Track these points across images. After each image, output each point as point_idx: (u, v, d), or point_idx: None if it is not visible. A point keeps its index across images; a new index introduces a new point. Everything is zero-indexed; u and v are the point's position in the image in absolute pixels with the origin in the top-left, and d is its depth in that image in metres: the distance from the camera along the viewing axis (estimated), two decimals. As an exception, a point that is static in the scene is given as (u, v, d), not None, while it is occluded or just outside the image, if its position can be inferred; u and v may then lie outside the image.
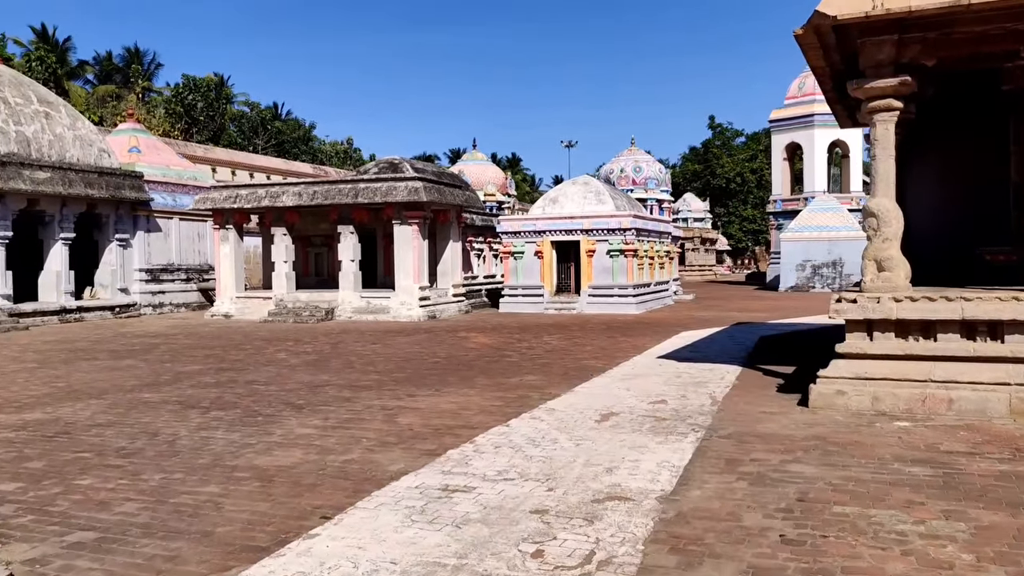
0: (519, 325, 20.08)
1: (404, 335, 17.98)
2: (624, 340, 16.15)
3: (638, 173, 34.54)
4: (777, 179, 39.94)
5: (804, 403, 8.83)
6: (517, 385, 10.70)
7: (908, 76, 8.53)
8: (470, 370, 12.25)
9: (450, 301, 23.88)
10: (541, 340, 16.46)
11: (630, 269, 23.87)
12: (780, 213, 39.15)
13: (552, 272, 24.92)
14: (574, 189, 25.54)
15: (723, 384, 10.35)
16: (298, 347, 15.88)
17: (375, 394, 10.14)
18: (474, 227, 27.13)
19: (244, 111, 59.47)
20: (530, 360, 13.32)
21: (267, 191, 23.01)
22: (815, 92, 37.90)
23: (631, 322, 20.60)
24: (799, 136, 38.35)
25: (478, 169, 34.63)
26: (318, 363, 13.36)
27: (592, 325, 19.82)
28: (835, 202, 35.55)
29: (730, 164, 65.47)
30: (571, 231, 24.30)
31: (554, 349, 14.85)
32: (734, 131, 70.07)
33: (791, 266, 34.45)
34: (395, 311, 22.10)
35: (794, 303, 27.27)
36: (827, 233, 33.85)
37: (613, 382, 10.71)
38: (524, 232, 24.95)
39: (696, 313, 23.50)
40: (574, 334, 17.58)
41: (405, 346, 15.74)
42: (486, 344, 15.91)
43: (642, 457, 6.63)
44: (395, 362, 13.30)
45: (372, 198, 21.86)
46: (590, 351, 14.42)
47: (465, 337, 17.30)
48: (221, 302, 23.94)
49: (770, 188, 67.18)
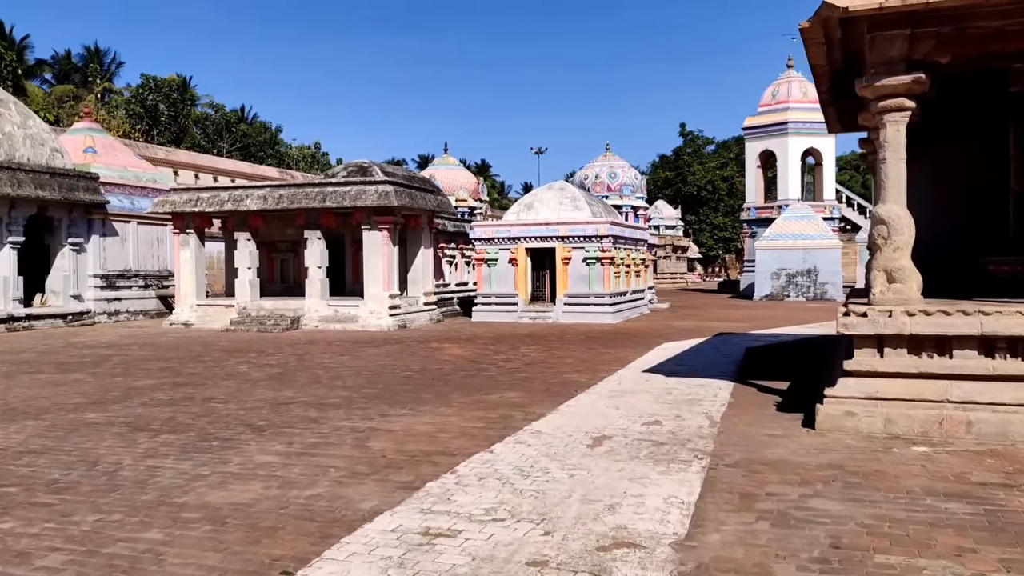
0: (494, 335, 19.34)
1: (374, 346, 17.14)
2: (605, 352, 15.48)
3: (613, 179, 34.01)
4: (751, 187, 39.71)
5: (810, 424, 8.19)
6: (497, 403, 9.95)
7: (922, 73, 7.95)
8: (446, 385, 11.48)
9: (421, 310, 23.06)
10: (518, 352, 15.73)
11: (607, 277, 23.25)
12: (754, 221, 38.90)
13: (527, 280, 24.23)
14: (550, 195, 24.89)
15: (717, 402, 9.70)
16: (261, 359, 14.97)
17: (344, 413, 9.33)
18: (446, 233, 26.35)
19: (208, 113, 58.05)
20: (508, 374, 12.58)
21: (230, 194, 22.02)
22: (788, 100, 37.86)
23: (609, 332, 19.96)
24: (773, 144, 38.15)
25: (450, 174, 33.82)
26: (282, 377, 12.49)
27: (569, 335, 19.13)
28: (809, 210, 35.36)
29: (701, 172, 65.41)
30: (546, 238, 23.64)
31: (533, 362, 14.13)
32: (705, 139, 70.11)
33: (766, 274, 34.14)
34: (364, 320, 21.23)
35: (771, 312, 26.88)
36: (802, 241, 33.60)
37: (600, 400, 10.00)
38: (498, 239, 24.23)
39: (674, 323, 22.95)
40: (552, 345, 16.88)
41: (375, 358, 14.91)
42: (461, 356, 15.14)
43: (646, 491, 5.92)
44: (365, 376, 12.48)
45: (340, 202, 20.99)
46: (571, 364, 13.72)
47: (438, 348, 16.52)
48: (181, 310, 22.86)
49: (741, 196, 67.40)
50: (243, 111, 63.77)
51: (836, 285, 33.27)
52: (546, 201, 24.69)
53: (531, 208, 24.71)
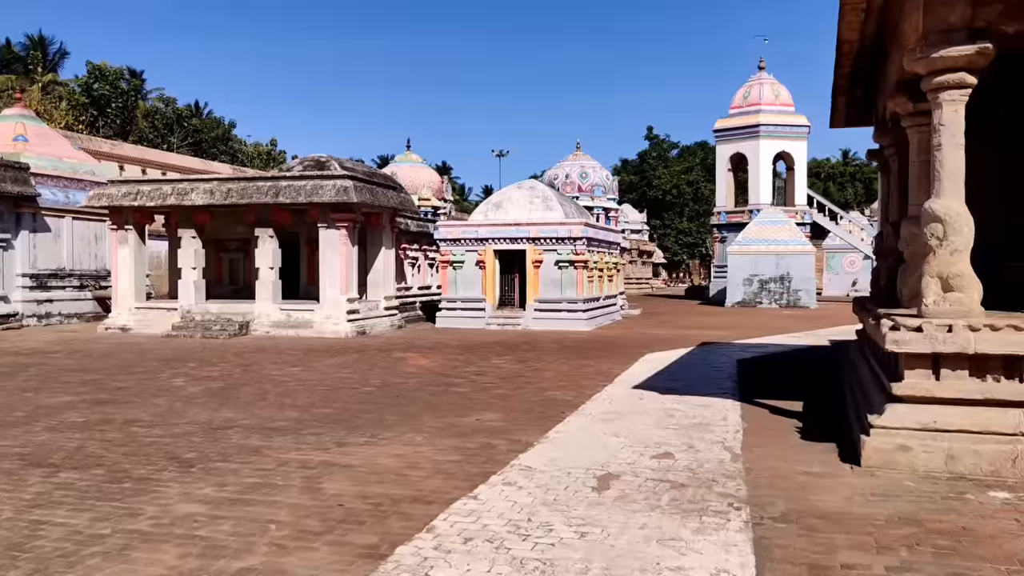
0: (461, 344, 17.85)
1: (330, 355, 15.54)
2: (586, 364, 14.11)
3: (584, 179, 32.73)
4: (721, 191, 38.81)
5: (852, 459, 6.89)
6: (475, 428, 8.50)
7: (988, 43, 6.72)
8: (412, 405, 9.99)
9: (382, 315, 21.48)
10: (490, 363, 14.28)
11: (580, 282, 21.93)
12: (724, 226, 38.00)
13: (495, 284, 22.79)
14: (519, 194, 23.50)
15: (730, 427, 8.37)
16: (202, 370, 13.30)
17: (293, 441, 7.79)
18: (408, 233, 24.79)
19: (159, 107, 55.52)
20: (483, 391, 11.13)
21: (173, 187, 20.21)
22: (760, 102, 37.05)
23: (585, 341, 18.62)
24: (744, 147, 37.30)
25: (412, 172, 32.16)
26: (223, 393, 10.87)
27: (543, 344, 17.74)
28: (782, 215, 34.53)
29: (666, 176, 64.66)
30: (516, 239, 22.24)
31: (508, 375, 12.69)
32: (670, 143, 69.44)
33: (738, 280, 33.18)
34: (320, 326, 19.59)
35: (747, 320, 25.83)
36: (775, 247, 32.72)
37: (594, 424, 8.61)
38: (464, 240, 22.77)
39: (650, 331, 21.71)
40: (526, 355, 15.46)
41: (332, 369, 13.33)
42: (427, 368, 13.64)
43: (684, 561, 4.53)
44: (319, 392, 10.91)
45: (295, 198, 19.34)
46: (551, 378, 12.32)
47: (401, 358, 14.99)
48: (118, 313, 20.95)
49: (706, 201, 66.90)
50: (197, 107, 61.30)
51: (809, 292, 32.44)
52: (516, 200, 23.30)
53: (500, 207, 23.29)
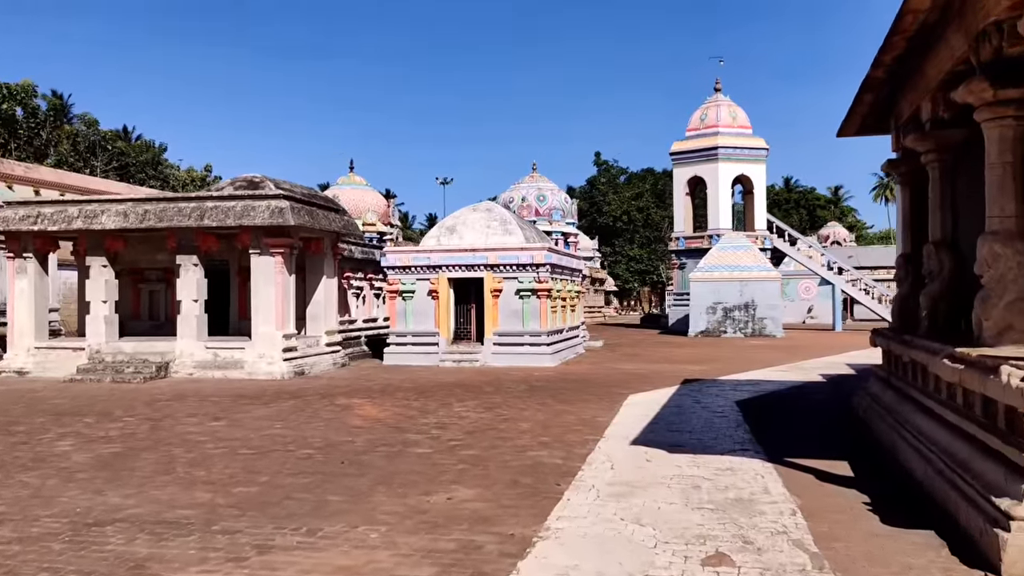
0: (415, 385, 15.66)
1: (262, 402, 13.20)
2: (564, 410, 12.09)
3: (542, 203, 30.88)
4: (679, 215, 37.48)
5: (978, 561, 5.00)
6: (448, 513, 6.38)
7: None
8: (363, 475, 7.81)
9: (323, 352, 19.13)
10: (452, 411, 12.14)
11: (543, 312, 19.97)
12: (683, 252, 36.62)
13: (449, 316, 20.67)
14: (476, 217, 21.50)
15: (781, 506, 6.43)
16: (99, 427, 10.85)
17: (196, 548, 5.56)
18: (352, 260, 22.54)
19: (81, 130, 52.10)
20: (449, 451, 9.00)
21: (80, 209, 17.64)
22: (718, 124, 35.97)
23: (553, 379, 16.60)
24: (702, 170, 36.08)
25: (356, 194, 29.85)
26: (118, 462, 8.51)
27: (508, 384, 15.67)
28: (745, 240, 33.28)
29: (616, 202, 63.52)
30: (473, 266, 20.20)
31: (477, 428, 10.57)
32: (619, 168, 68.48)
33: (701, 308, 31.68)
34: (252, 366, 17.16)
35: (718, 351, 24.20)
36: (739, 273, 31.36)
37: (605, 504, 6.57)
38: (415, 267, 20.63)
39: (621, 366, 19.83)
40: (492, 400, 13.36)
41: (262, 423, 11.02)
42: (378, 419, 11.43)
43: None
44: (243, 459, 8.63)
45: (223, 220, 16.98)
46: (529, 432, 10.24)
47: (346, 407, 12.73)
48: (14, 354, 18.17)
49: (657, 227, 65.99)
50: (125, 131, 57.94)
51: (775, 320, 31.11)
52: (471, 224, 21.30)
53: (454, 232, 21.25)
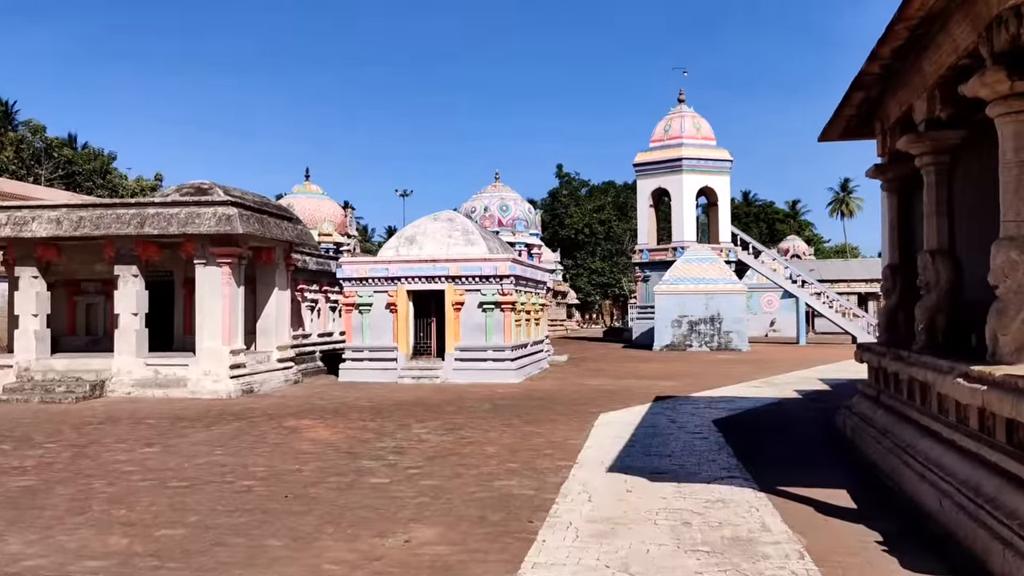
0: (372, 404, 14.69)
1: (204, 424, 12.13)
2: (532, 432, 11.25)
3: (505, 213, 30.06)
4: (643, 227, 37.00)
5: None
6: (406, 561, 5.50)
7: None
8: (308, 513, 6.87)
9: (274, 368, 18.05)
10: (411, 433, 11.22)
11: (507, 326, 19.14)
12: (647, 264, 36.11)
13: (408, 330, 19.73)
14: (436, 226, 20.63)
15: (786, 547, 5.68)
16: (15, 455, 9.72)
17: (99, 612, 4.60)
18: (307, 272, 21.48)
19: (26, 136, 50.04)
20: (408, 481, 8.10)
21: (9, 216, 16.36)
22: (682, 135, 35.65)
23: (519, 397, 15.76)
24: (666, 181, 35.68)
25: (312, 204, 28.71)
26: (26, 499, 7.45)
27: (471, 403, 14.79)
28: (710, 252, 32.87)
29: (578, 214, 63.07)
30: (434, 278, 19.31)
31: (438, 452, 9.68)
32: (580, 181, 68.11)
33: (666, 322, 31.13)
34: (196, 384, 16.03)
35: (686, 366, 23.60)
36: (704, 286, 30.91)
37: (586, 547, 5.74)
38: (373, 279, 19.67)
39: (588, 382, 19.07)
40: (455, 420, 12.46)
41: (200, 450, 9.98)
42: (329, 443, 10.46)
43: None
44: (172, 494, 7.63)
45: (165, 228, 15.88)
46: (495, 457, 9.39)
47: (296, 429, 11.73)
48: (-65, 372, 16.77)
49: (619, 240, 65.66)
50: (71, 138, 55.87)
51: (741, 334, 30.68)
52: (432, 234, 20.41)
53: (414, 242, 20.34)
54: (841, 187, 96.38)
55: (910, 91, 8.81)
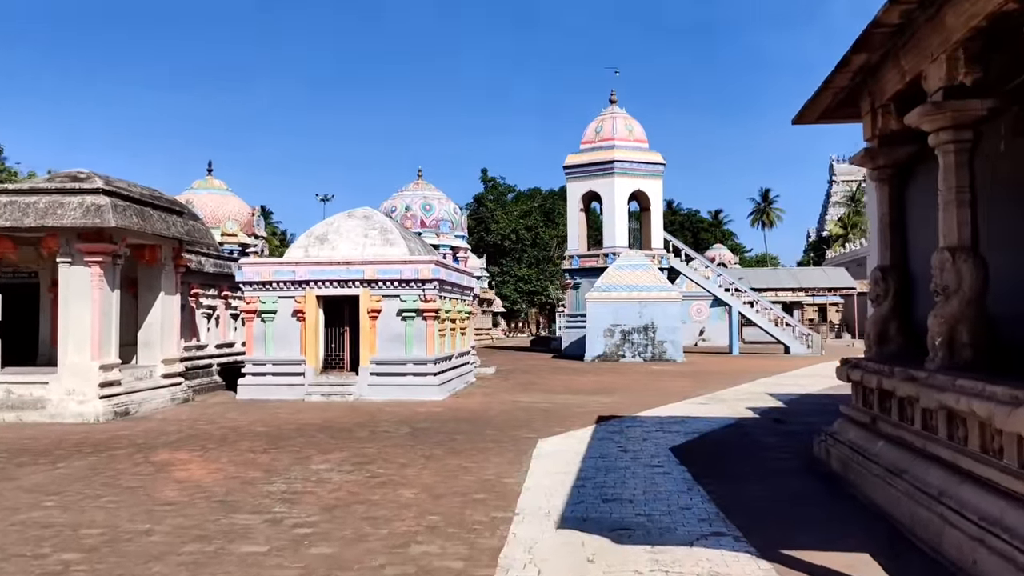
0: (269, 429, 12.45)
1: (49, 461, 9.73)
2: (459, 466, 9.29)
3: (428, 213, 27.91)
4: (573, 232, 35.46)
5: None
6: None
7: None
8: (139, 611, 4.75)
9: (158, 386, 15.55)
10: (310, 470, 9.11)
11: (430, 336, 17.11)
12: (577, 271, 34.56)
13: (318, 340, 17.49)
14: (351, 224, 18.44)
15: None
16: None
17: None
18: (203, 275, 18.96)
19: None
20: (293, 550, 6.04)
21: None
22: (614, 137, 34.34)
23: (443, 418, 13.76)
24: (598, 184, 34.24)
25: (215, 200, 25.90)
26: None
27: (387, 426, 12.72)
28: (644, 258, 31.51)
29: (505, 220, 61.31)
30: (347, 282, 17.14)
31: (340, 501, 7.61)
32: (507, 186, 66.43)
33: (598, 331, 29.58)
34: (58, 406, 13.48)
35: (622, 379, 22.01)
36: (637, 293, 29.49)
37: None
38: (277, 283, 17.37)
39: (519, 397, 17.21)
40: (365, 451, 10.38)
41: (26, 501, 7.66)
42: (202, 486, 8.26)
43: None
44: (-51, 579, 5.39)
45: (20, 220, 13.31)
46: (414, 505, 7.39)
47: (164, 466, 9.45)
48: None
49: (546, 247, 64.20)
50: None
51: (675, 344, 29.36)
52: (346, 233, 18.23)
53: (325, 241, 18.11)
54: (762, 198, 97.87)
55: (920, 55, 7.27)
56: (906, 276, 8.76)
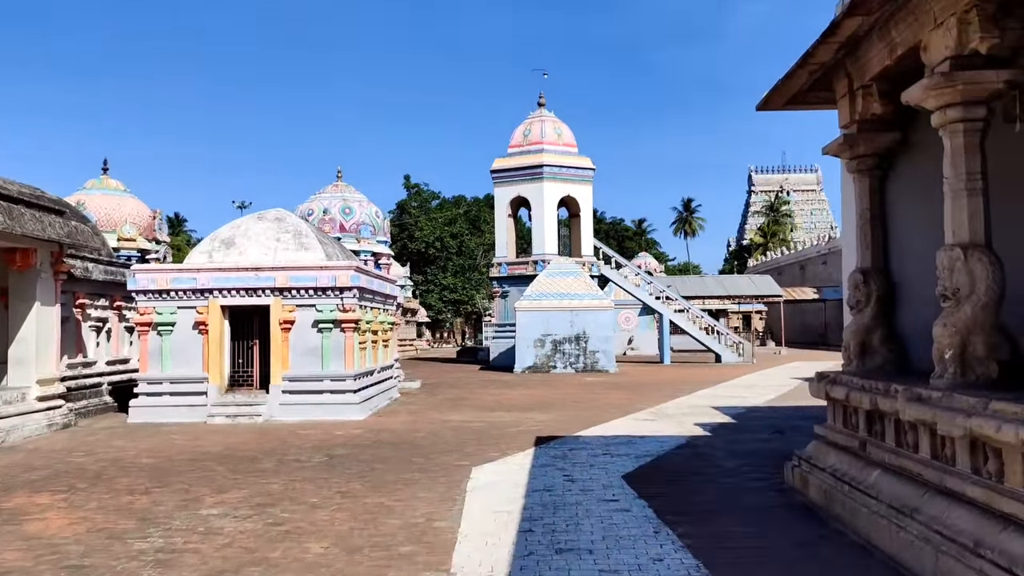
0: (158, 462, 10.71)
1: None
2: (380, 505, 7.85)
3: (348, 216, 26.15)
4: (501, 239, 34.24)
5: None
6: None
7: None
8: None
9: (33, 410, 13.54)
10: (198, 518, 7.51)
11: (349, 349, 15.56)
12: (506, 279, 33.36)
13: (223, 355, 15.71)
14: (262, 227, 16.73)
15: None
16: None
17: None
18: (91, 283, 16.89)
19: None
20: (158, 642, 4.51)
21: None
22: (543, 141, 33.38)
23: (363, 441, 12.25)
24: (526, 189, 33.16)
25: (111, 202, 23.52)
26: None
27: (299, 454, 11.14)
28: (575, 266, 30.50)
29: (429, 227, 59.65)
30: (257, 290, 15.44)
31: (229, 564, 6.08)
32: (431, 193, 64.78)
33: (528, 341, 28.37)
34: (-97, 436, 11.40)
35: (555, 391, 20.84)
36: (569, 301, 28.43)
37: None
38: (176, 291, 15.53)
39: (448, 416, 15.80)
40: (269, 488, 8.81)
41: None
42: (54, 544, 6.59)
43: None
44: None
45: None
46: (322, 567, 5.93)
47: (17, 514, 7.70)
48: None
49: (471, 255, 62.83)
50: None
51: (608, 354, 28.40)
52: (256, 236, 16.51)
53: (232, 245, 16.35)
54: (684, 207, 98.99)
55: (918, 22, 6.28)
56: (891, 280, 7.77)
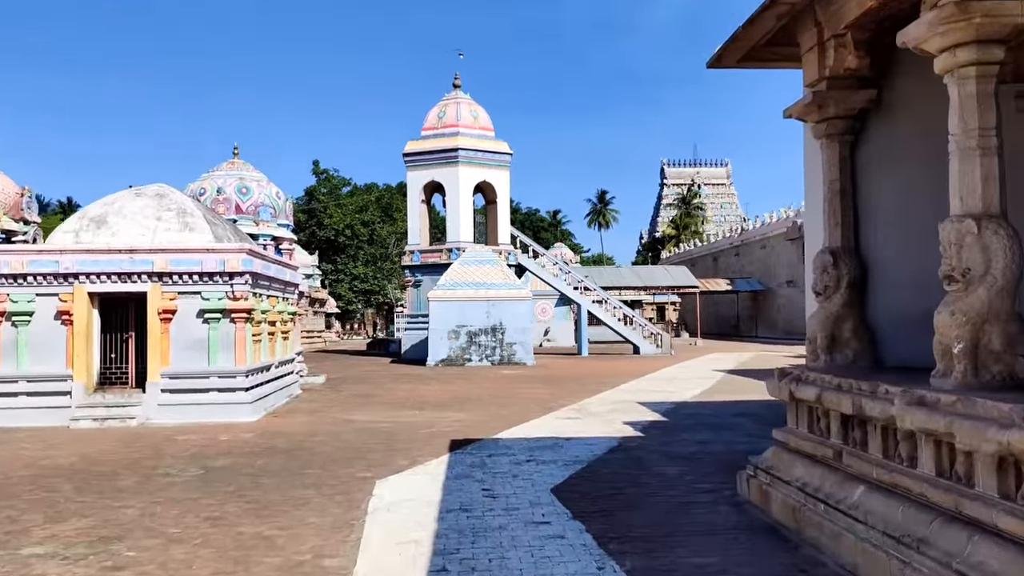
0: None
1: None
2: (257, 537, 6.35)
3: (245, 196, 23.91)
4: (415, 225, 32.60)
5: None
6: None
7: None
8: None
9: None
10: (15, 559, 5.85)
11: (241, 342, 13.83)
12: (419, 267, 31.76)
13: (91, 350, 13.72)
14: (139, 204, 14.74)
15: None
16: None
17: None
18: (-65, 266, 14.57)
19: None
20: None
21: None
22: (458, 123, 31.89)
23: (250, 448, 10.63)
24: (441, 174, 31.60)
25: (-31, 177, 20.89)
26: None
27: (171, 465, 9.45)
28: (492, 254, 29.19)
29: (339, 215, 57.25)
30: (132, 275, 13.52)
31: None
32: (341, 179, 62.27)
33: (442, 333, 26.93)
34: None
35: (471, 386, 19.53)
36: (485, 291, 27.13)
37: None
38: (35, 276, 13.46)
39: (353, 416, 14.27)
40: (122, 514, 7.17)
41: None
42: None
43: None
44: None
45: None
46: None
47: None
48: None
49: (383, 244, 60.78)
50: None
51: (525, 345, 27.25)
52: (132, 214, 14.52)
53: (103, 225, 14.33)
54: (598, 199, 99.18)
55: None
56: (864, 263, 6.75)
